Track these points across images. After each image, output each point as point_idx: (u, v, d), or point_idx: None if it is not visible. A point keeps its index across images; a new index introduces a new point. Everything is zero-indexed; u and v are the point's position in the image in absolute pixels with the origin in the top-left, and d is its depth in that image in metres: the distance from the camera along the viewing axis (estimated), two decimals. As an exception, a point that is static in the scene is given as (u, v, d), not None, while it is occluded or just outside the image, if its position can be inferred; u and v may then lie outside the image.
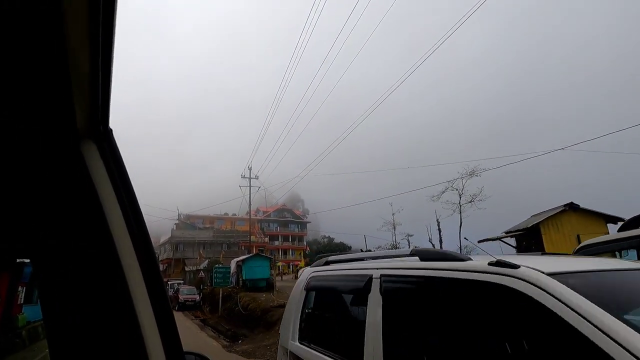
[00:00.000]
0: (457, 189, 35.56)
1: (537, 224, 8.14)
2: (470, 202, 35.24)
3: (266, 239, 63.01)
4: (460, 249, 37.79)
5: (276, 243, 67.44)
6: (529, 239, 8.81)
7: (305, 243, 73.12)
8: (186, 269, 41.35)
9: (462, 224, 36.30)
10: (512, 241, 10.78)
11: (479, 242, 11.23)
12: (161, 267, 51.23)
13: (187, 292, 26.43)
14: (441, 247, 43.90)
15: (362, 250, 13.80)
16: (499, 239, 11.14)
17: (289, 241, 71.69)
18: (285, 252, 67.60)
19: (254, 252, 33.55)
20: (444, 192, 36.64)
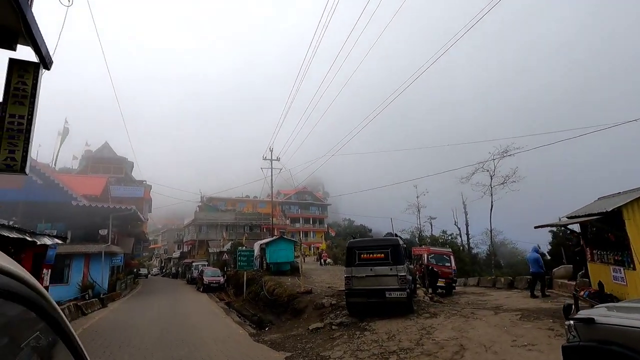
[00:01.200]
0: (488, 170, 33.85)
1: (619, 207, 6.92)
2: (502, 183, 33.49)
3: (287, 221, 63.03)
4: (491, 233, 36.11)
5: (297, 225, 67.56)
6: (604, 225, 7.59)
7: (325, 225, 72.92)
8: (210, 250, 41.79)
9: (493, 206, 34.67)
10: (575, 227, 9.49)
11: (536, 227, 10.05)
12: (186, 248, 52.21)
13: (211, 274, 26.47)
14: (467, 231, 42.52)
15: (391, 234, 12.72)
16: (563, 225, 9.84)
17: (309, 223, 71.70)
18: (306, 234, 67.63)
19: (276, 234, 33.24)
20: (473, 173, 35.01)
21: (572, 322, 3.56)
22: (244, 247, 25.03)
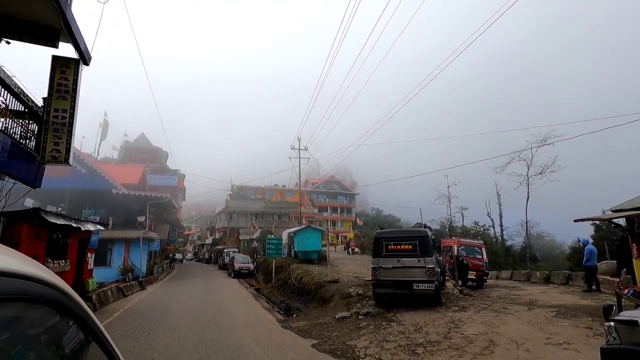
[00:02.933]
0: (524, 159, 32.27)
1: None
2: (540, 173, 31.84)
3: (315, 210, 63.55)
4: (527, 225, 34.70)
5: (325, 214, 67.97)
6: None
7: (353, 215, 72.86)
8: (240, 237, 42.99)
9: (529, 197, 33.09)
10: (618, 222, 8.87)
11: (576, 221, 9.47)
12: (218, 235, 54.06)
13: (241, 261, 27.26)
14: (501, 222, 41.04)
15: (420, 224, 12.52)
16: (607, 219, 9.21)
17: (337, 213, 71.93)
18: (333, 223, 67.96)
19: (304, 222, 33.64)
20: (509, 163, 33.52)
21: (612, 323, 3.36)
22: (272, 236, 25.56)
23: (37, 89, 7.58)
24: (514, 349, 6.07)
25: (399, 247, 9.90)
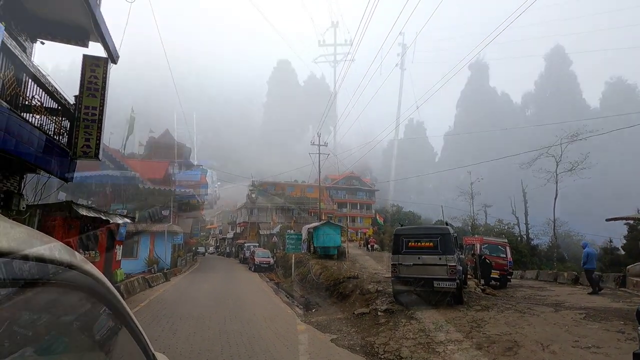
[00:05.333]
0: (553, 155, 31.00)
1: None
2: (570, 170, 30.50)
3: (334, 206, 63.56)
4: (554, 223, 33.44)
5: (344, 210, 67.83)
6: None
7: (373, 211, 72.34)
8: (260, 232, 43.61)
9: (557, 195, 31.82)
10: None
11: (608, 220, 9.04)
12: (238, 230, 55.06)
13: (261, 255, 27.67)
14: (526, 221, 39.68)
15: (444, 222, 12.33)
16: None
17: (357, 209, 71.63)
18: (353, 219, 67.74)
19: (323, 218, 33.71)
20: (536, 159, 32.28)
21: (647, 327, 3.21)
22: (292, 231, 25.80)
23: (66, 87, 7.92)
24: (539, 351, 5.90)
25: (419, 244, 9.78)
